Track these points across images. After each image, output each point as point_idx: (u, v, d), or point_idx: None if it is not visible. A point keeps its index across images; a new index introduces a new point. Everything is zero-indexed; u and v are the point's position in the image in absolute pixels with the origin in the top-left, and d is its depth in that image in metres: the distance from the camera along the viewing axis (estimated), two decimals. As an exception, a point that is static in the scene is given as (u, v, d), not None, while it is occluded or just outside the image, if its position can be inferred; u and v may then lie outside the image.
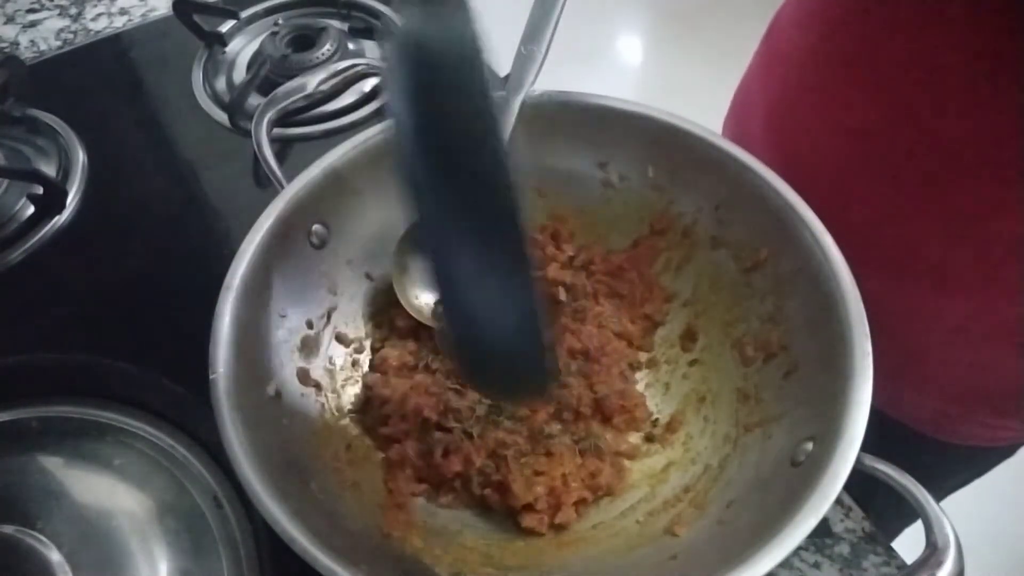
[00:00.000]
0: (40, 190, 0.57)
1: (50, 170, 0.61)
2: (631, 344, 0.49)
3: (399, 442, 0.44)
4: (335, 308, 0.47)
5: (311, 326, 0.46)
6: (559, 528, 0.42)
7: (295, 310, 0.45)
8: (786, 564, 0.39)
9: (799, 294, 0.42)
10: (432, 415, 0.44)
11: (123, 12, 0.77)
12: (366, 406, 0.46)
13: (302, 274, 0.45)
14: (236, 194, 0.60)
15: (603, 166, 0.50)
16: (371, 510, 0.41)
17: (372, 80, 0.66)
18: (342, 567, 0.31)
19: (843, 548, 0.42)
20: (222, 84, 0.69)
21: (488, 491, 0.42)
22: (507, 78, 0.47)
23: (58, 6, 0.78)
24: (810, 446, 0.36)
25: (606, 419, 0.45)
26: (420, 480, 0.43)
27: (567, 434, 0.44)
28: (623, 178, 0.50)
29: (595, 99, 0.48)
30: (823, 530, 0.42)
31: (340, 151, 0.46)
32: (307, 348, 0.45)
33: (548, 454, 0.43)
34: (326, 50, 0.67)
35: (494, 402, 0.44)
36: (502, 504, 0.42)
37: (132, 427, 0.49)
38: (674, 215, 0.49)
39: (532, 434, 0.44)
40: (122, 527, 0.44)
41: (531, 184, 0.51)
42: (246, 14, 0.74)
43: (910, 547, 0.39)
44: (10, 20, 0.77)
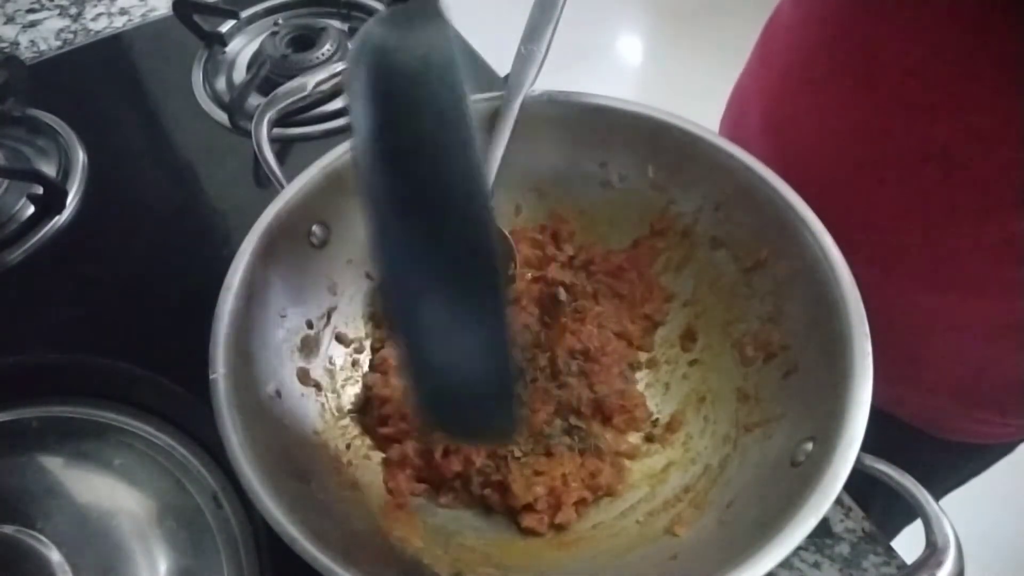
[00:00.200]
0: (40, 190, 0.58)
1: (50, 170, 0.61)
2: (631, 344, 0.49)
3: (399, 442, 0.44)
4: (335, 308, 0.47)
5: (311, 326, 0.46)
6: (559, 528, 0.42)
7: (295, 310, 0.45)
8: (786, 564, 0.39)
9: (799, 294, 0.42)
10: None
11: (123, 12, 0.77)
12: (366, 406, 0.46)
13: (302, 274, 0.45)
14: (236, 194, 0.60)
15: (603, 166, 0.50)
16: (371, 510, 0.41)
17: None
18: (342, 567, 0.31)
19: (843, 548, 0.42)
20: (222, 84, 0.69)
21: (488, 491, 0.42)
22: (507, 78, 0.47)
23: (58, 6, 0.78)
24: (810, 446, 0.36)
25: (606, 419, 0.45)
26: (420, 480, 0.43)
27: (567, 434, 0.44)
28: (623, 178, 0.50)
29: (595, 99, 0.48)
30: (823, 530, 0.42)
31: (340, 151, 0.46)
32: (307, 348, 0.45)
33: (548, 454, 0.43)
34: (326, 50, 0.67)
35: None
36: (502, 504, 0.42)
37: (132, 427, 0.49)
38: (674, 215, 0.49)
39: (532, 434, 0.44)
40: (122, 527, 0.44)
41: (531, 184, 0.51)
42: (246, 14, 0.74)
43: (910, 547, 0.39)
44: (10, 20, 0.77)
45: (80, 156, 0.62)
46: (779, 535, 0.32)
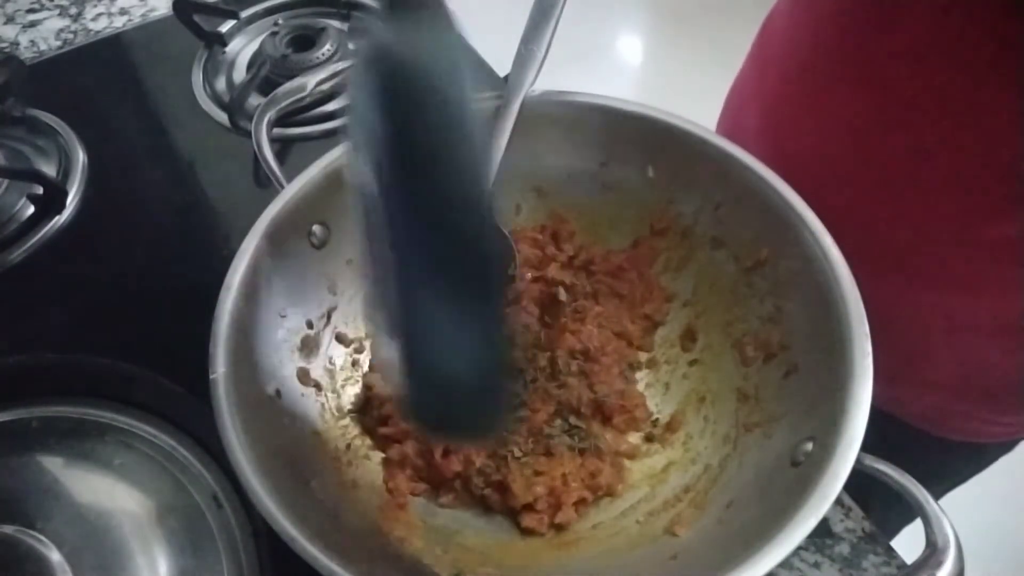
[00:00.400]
0: (40, 190, 0.57)
1: (50, 170, 0.61)
2: (631, 344, 0.49)
3: (399, 442, 0.44)
4: (335, 308, 0.47)
5: (311, 326, 0.46)
6: (559, 528, 0.42)
7: (295, 310, 0.45)
8: (786, 564, 0.39)
9: (799, 294, 0.42)
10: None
11: (123, 12, 0.77)
12: (366, 406, 0.46)
13: (302, 274, 0.45)
14: (236, 194, 0.60)
15: (603, 166, 0.50)
16: (371, 510, 0.41)
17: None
18: (342, 567, 0.31)
19: (843, 548, 0.42)
20: (222, 84, 0.69)
21: (488, 491, 0.42)
22: (507, 78, 0.47)
23: (58, 6, 0.78)
24: (810, 446, 0.36)
25: (606, 419, 0.45)
26: (420, 480, 0.43)
27: (567, 434, 0.44)
28: (623, 178, 0.50)
29: (595, 99, 0.48)
30: (823, 530, 0.42)
31: (340, 151, 0.46)
32: (307, 348, 0.45)
33: (548, 454, 0.43)
34: (326, 50, 0.67)
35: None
36: (502, 504, 0.42)
37: (132, 427, 0.49)
38: (674, 215, 0.49)
39: (532, 434, 0.44)
40: (122, 527, 0.44)
41: (531, 184, 0.51)
42: (246, 14, 0.74)
43: (910, 547, 0.39)
44: (10, 20, 0.77)
45: (80, 156, 0.62)
46: (779, 535, 0.32)
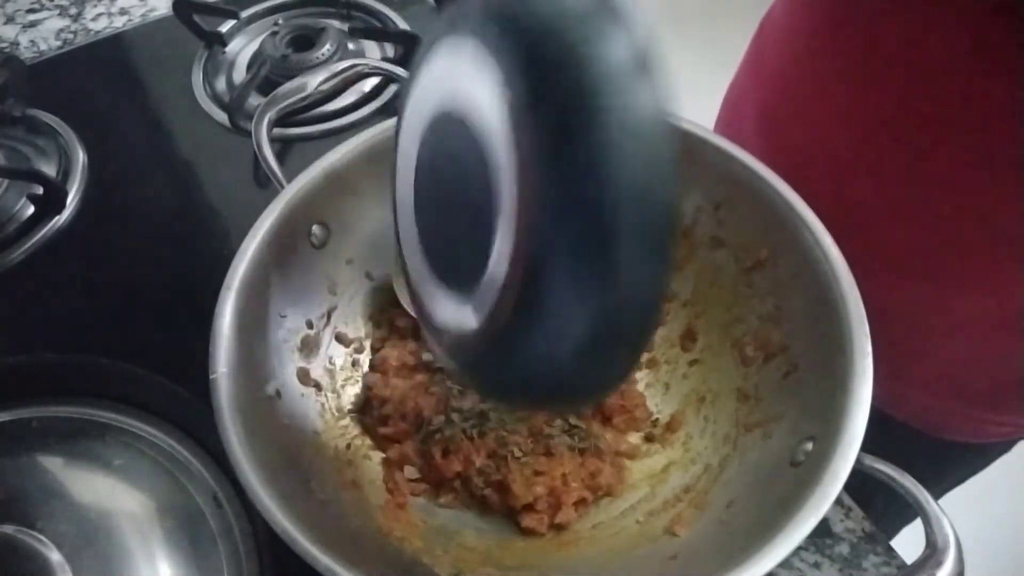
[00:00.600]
0: (40, 190, 0.57)
1: (50, 170, 0.61)
2: (631, 344, 0.48)
3: (399, 442, 0.44)
4: (335, 308, 0.47)
5: (311, 326, 0.46)
6: (559, 528, 0.42)
7: (295, 310, 0.45)
8: (786, 564, 0.39)
9: (799, 294, 0.42)
10: (432, 415, 0.44)
11: (123, 12, 0.77)
12: (366, 406, 0.46)
13: (302, 274, 0.45)
14: (236, 194, 0.60)
15: (603, 166, 0.50)
16: (371, 510, 0.41)
17: (372, 80, 0.66)
18: (342, 567, 0.31)
19: (843, 548, 0.42)
20: (222, 84, 0.69)
21: (488, 491, 0.42)
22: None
23: (58, 6, 0.78)
24: (810, 446, 0.36)
25: (606, 419, 0.45)
26: (420, 480, 0.43)
27: (567, 434, 0.44)
28: (623, 178, 0.50)
29: (595, 99, 0.48)
30: (823, 530, 0.42)
31: (340, 151, 0.46)
32: (307, 348, 0.45)
33: (548, 454, 0.43)
34: (326, 50, 0.67)
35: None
36: (502, 504, 0.42)
37: (132, 427, 0.49)
38: (674, 215, 0.49)
39: (532, 434, 0.44)
40: (122, 527, 0.44)
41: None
42: (246, 14, 0.74)
43: (910, 547, 0.39)
44: (10, 20, 0.77)
45: (80, 156, 0.62)
46: (779, 535, 0.32)
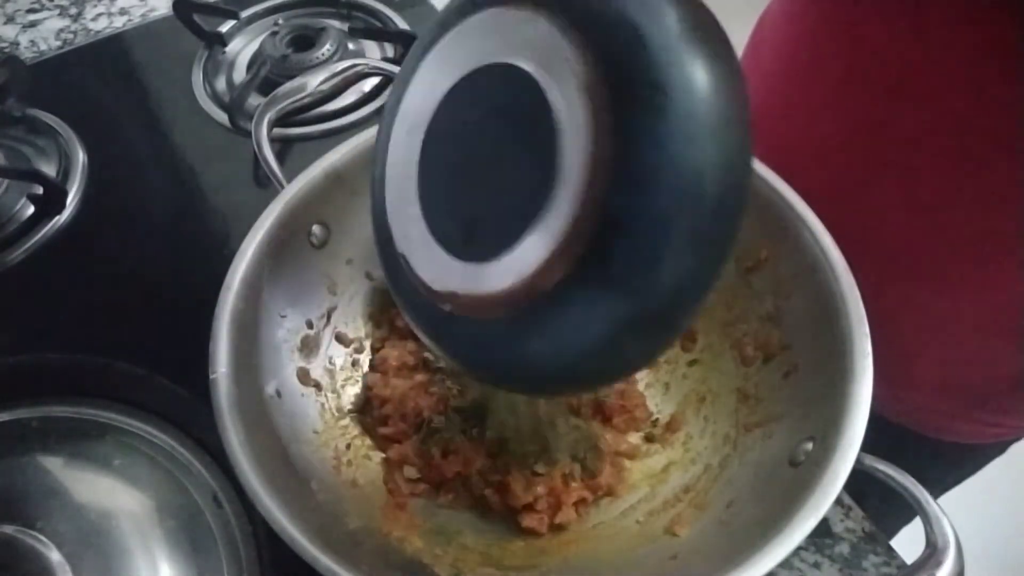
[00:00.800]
0: (40, 190, 0.58)
1: (50, 170, 0.61)
2: (631, 344, 0.48)
3: (399, 442, 0.44)
4: (335, 308, 0.47)
5: (311, 326, 0.45)
6: (559, 528, 0.42)
7: (295, 310, 0.45)
8: (786, 564, 0.39)
9: (799, 294, 0.42)
10: (432, 415, 0.44)
11: (123, 12, 0.77)
12: (366, 406, 0.46)
13: (302, 274, 0.45)
14: (236, 194, 0.60)
15: (603, 166, 0.50)
16: (371, 510, 0.41)
17: (372, 80, 0.66)
18: (342, 567, 0.31)
19: (843, 548, 0.42)
20: (222, 84, 0.69)
21: (488, 491, 0.42)
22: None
23: (58, 6, 0.78)
24: (810, 446, 0.36)
25: (606, 419, 0.45)
26: (420, 480, 0.43)
27: (567, 434, 0.44)
28: (623, 178, 0.50)
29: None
30: (823, 530, 0.42)
31: (340, 151, 0.46)
32: (307, 348, 0.45)
33: (548, 453, 0.43)
34: (326, 50, 0.67)
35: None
36: (502, 504, 0.42)
37: (132, 427, 0.49)
38: (674, 215, 0.49)
39: (532, 434, 0.44)
40: (122, 527, 0.44)
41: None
42: (246, 14, 0.74)
43: (910, 547, 0.39)
44: (10, 20, 0.77)
45: (80, 156, 0.62)
46: (779, 535, 0.32)
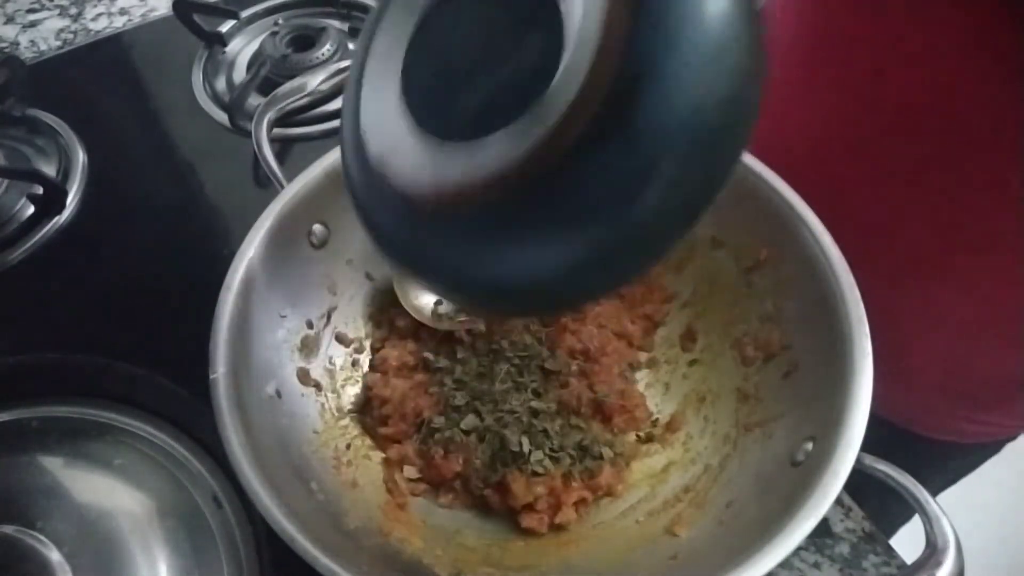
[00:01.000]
0: (40, 190, 0.58)
1: (50, 170, 0.61)
2: (631, 344, 0.49)
3: (399, 442, 0.44)
4: (335, 308, 0.47)
5: (311, 326, 0.46)
6: (559, 528, 0.42)
7: (295, 310, 0.45)
8: (786, 564, 0.39)
9: (799, 294, 0.42)
10: (432, 415, 0.44)
11: (123, 12, 0.77)
12: (366, 406, 0.46)
13: (302, 274, 0.45)
14: (236, 194, 0.60)
15: (603, 166, 0.50)
16: (371, 510, 0.41)
17: (372, 80, 0.66)
18: (342, 567, 0.31)
19: (843, 548, 0.42)
20: (222, 84, 0.69)
21: (488, 491, 0.42)
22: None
23: (58, 6, 0.78)
24: (810, 446, 0.36)
25: (606, 419, 0.45)
26: (420, 480, 0.43)
27: (567, 434, 0.44)
28: (623, 178, 0.50)
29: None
30: (823, 530, 0.42)
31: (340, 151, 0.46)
32: (307, 348, 0.45)
33: (548, 453, 0.43)
34: (326, 50, 0.67)
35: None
36: (502, 504, 0.42)
37: (132, 427, 0.49)
38: (674, 215, 0.49)
39: (532, 433, 0.44)
40: (122, 527, 0.44)
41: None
42: (246, 14, 0.74)
43: (910, 547, 0.39)
44: (10, 20, 0.77)
45: (80, 156, 0.62)
46: (779, 535, 0.32)
